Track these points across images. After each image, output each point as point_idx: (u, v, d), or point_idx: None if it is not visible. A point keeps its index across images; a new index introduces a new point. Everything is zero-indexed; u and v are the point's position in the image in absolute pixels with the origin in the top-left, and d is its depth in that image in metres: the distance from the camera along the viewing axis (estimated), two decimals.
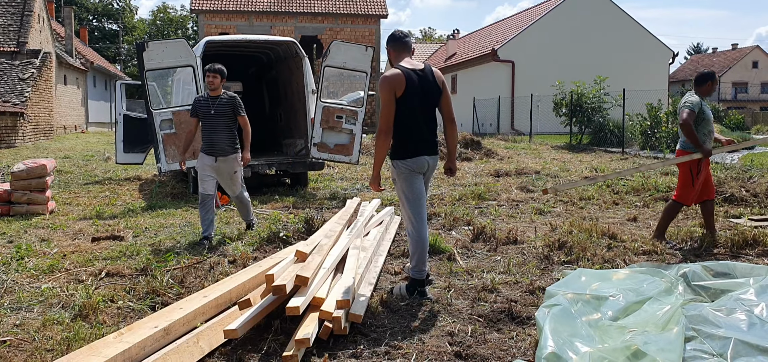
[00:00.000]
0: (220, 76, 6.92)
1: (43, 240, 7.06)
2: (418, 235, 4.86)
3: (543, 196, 9.93)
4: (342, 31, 37.27)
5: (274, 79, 13.79)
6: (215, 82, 6.87)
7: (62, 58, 32.27)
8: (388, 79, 4.74)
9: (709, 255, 6.12)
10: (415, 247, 4.87)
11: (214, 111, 6.89)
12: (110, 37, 70.11)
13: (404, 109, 4.77)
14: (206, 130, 7.00)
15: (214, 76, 6.88)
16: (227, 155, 6.99)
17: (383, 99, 4.75)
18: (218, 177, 7.06)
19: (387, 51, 5.05)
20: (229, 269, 5.69)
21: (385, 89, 4.74)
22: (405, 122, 4.80)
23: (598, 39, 32.31)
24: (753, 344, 3.34)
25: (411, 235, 4.92)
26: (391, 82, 4.74)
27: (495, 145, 20.31)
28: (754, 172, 11.93)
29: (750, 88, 67.21)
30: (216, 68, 6.91)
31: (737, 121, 29.55)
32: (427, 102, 4.92)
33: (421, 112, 4.88)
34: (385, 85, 4.74)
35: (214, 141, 6.94)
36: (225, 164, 7.00)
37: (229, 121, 6.98)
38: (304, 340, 3.71)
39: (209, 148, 6.97)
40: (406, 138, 4.84)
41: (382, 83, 4.76)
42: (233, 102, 6.98)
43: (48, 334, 4.10)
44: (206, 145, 6.99)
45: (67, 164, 15.56)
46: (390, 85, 4.73)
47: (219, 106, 6.92)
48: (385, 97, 4.74)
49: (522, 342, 3.99)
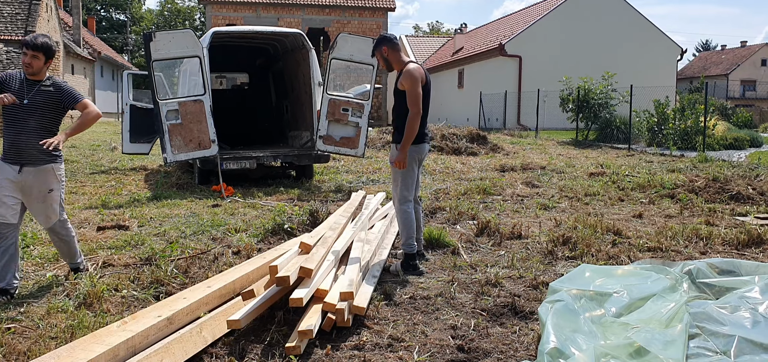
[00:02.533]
0: (43, 55, 4.80)
1: None
2: (408, 214, 5.42)
3: (548, 191, 9.91)
4: (349, 23, 37.27)
5: (280, 71, 13.80)
6: (33, 65, 4.77)
7: (70, 47, 32.35)
8: (418, 70, 5.32)
9: (715, 253, 6.10)
10: (404, 225, 5.41)
11: (28, 100, 4.77)
12: (118, 27, 70.27)
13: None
14: (9, 126, 4.78)
15: (32, 55, 4.76)
16: (39, 164, 4.80)
17: (415, 88, 5.24)
18: (23, 196, 4.83)
19: (383, 53, 5.46)
20: (233, 260, 5.71)
21: (417, 79, 5.26)
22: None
23: (606, 34, 32.16)
24: (757, 342, 3.33)
25: (401, 213, 5.45)
26: (421, 73, 5.32)
27: (501, 140, 20.28)
28: (761, 170, 11.89)
29: (758, 85, 66.81)
30: (35, 43, 4.78)
31: (745, 119, 29.39)
32: (429, 96, 5.44)
33: (425, 105, 5.38)
34: (417, 75, 5.27)
35: (21, 143, 4.75)
36: (35, 178, 4.81)
37: (49, 118, 4.87)
38: (307, 331, 3.72)
39: (12, 152, 4.78)
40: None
41: (414, 74, 5.26)
42: (61, 95, 4.89)
43: (52, 322, 4.12)
44: (7, 147, 4.79)
45: (74, 153, 15.61)
46: (421, 76, 5.29)
47: (37, 94, 4.80)
48: (417, 87, 5.24)
49: (525, 337, 3.98)
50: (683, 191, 9.55)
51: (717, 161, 14.32)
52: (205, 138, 9.84)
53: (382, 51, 5.44)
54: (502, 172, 12.68)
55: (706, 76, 56.65)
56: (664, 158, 16.00)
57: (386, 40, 5.45)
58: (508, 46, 32.03)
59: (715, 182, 9.89)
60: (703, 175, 10.82)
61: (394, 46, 5.43)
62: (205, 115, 9.81)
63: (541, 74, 30.20)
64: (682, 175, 11.65)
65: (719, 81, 64.40)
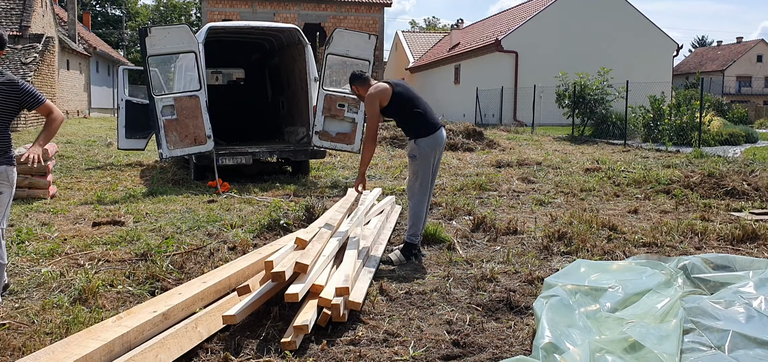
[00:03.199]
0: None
1: (44, 224, 7.08)
2: (421, 208, 5.64)
3: (544, 187, 9.93)
4: (345, 18, 37.21)
5: (276, 67, 13.77)
6: None
7: (65, 42, 32.24)
8: (375, 89, 5.61)
9: (710, 248, 6.12)
10: (415, 218, 5.61)
11: None
12: (113, 22, 70.07)
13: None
14: None
15: None
16: None
17: (372, 108, 5.57)
18: None
19: (354, 91, 5.96)
20: (229, 255, 5.70)
21: (373, 99, 5.57)
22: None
23: (602, 30, 32.18)
24: (751, 337, 3.34)
25: (414, 207, 5.64)
26: (377, 90, 5.59)
27: (497, 136, 20.29)
28: (756, 166, 11.92)
29: (754, 81, 66.97)
30: None
31: (741, 115, 29.46)
32: (410, 98, 5.74)
33: (414, 104, 5.70)
34: (374, 94, 5.58)
35: None
36: None
37: (2, 115, 4.35)
38: (303, 327, 3.72)
39: None
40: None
41: (370, 95, 5.59)
42: (20, 93, 4.37)
43: (47, 318, 4.12)
44: None
45: (69, 149, 15.57)
46: (377, 92, 5.58)
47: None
48: (373, 106, 5.56)
49: (520, 332, 3.99)
50: (679, 187, 9.57)
51: (712, 157, 14.35)
52: (201, 133, 9.83)
53: (353, 88, 5.92)
54: (498, 168, 12.69)
55: (702, 71, 56.88)
56: (659, 154, 16.03)
57: (354, 77, 5.86)
58: (504, 42, 32.03)
59: (710, 178, 9.91)
60: (699, 171, 10.84)
61: (361, 81, 5.81)
62: (200, 110, 9.80)
63: (538, 70, 30.21)
64: (677, 170, 11.68)
65: (715, 77, 64.51)
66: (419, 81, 43.74)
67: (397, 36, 50.71)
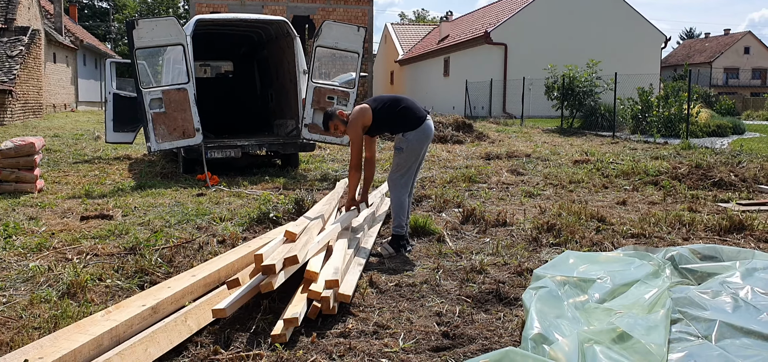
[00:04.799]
0: None
1: (32, 218, 7.03)
2: (403, 200, 5.68)
3: (533, 179, 9.96)
4: (334, 11, 37.07)
5: (265, 59, 13.72)
6: None
7: (51, 35, 31.95)
8: (354, 113, 5.66)
9: (697, 239, 6.16)
10: (399, 210, 5.64)
11: None
12: (100, 14, 69.48)
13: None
14: None
15: None
16: None
17: (355, 131, 5.61)
18: None
19: (334, 128, 5.82)
20: (219, 249, 5.69)
21: (355, 123, 5.61)
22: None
23: (591, 22, 32.26)
24: (737, 326, 3.37)
25: (396, 199, 5.66)
26: (356, 114, 5.64)
27: (486, 128, 20.33)
28: (743, 157, 12.02)
29: (741, 73, 67.43)
30: None
31: (728, 107, 29.68)
32: (393, 102, 5.75)
33: (399, 102, 5.71)
34: (355, 118, 5.62)
35: None
36: None
37: None
38: (293, 320, 3.72)
39: None
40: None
41: (351, 119, 5.65)
42: None
43: (35, 312, 4.09)
44: None
45: (57, 143, 15.47)
46: (357, 116, 5.62)
47: None
48: (356, 129, 5.60)
49: (509, 323, 4.01)
50: (667, 178, 9.63)
51: (700, 148, 14.45)
52: (190, 126, 9.79)
53: (330, 127, 5.83)
54: (487, 160, 12.72)
55: (690, 63, 56.99)
56: (648, 145, 16.12)
57: (328, 116, 5.82)
58: (493, 34, 32.05)
59: (698, 169, 9.98)
60: (687, 162, 10.91)
61: (334, 117, 5.78)
62: (189, 103, 9.75)
63: (527, 62, 30.28)
64: (665, 162, 11.75)
65: (703, 69, 64.91)
66: (409, 73, 43.71)
67: (387, 28, 50.65)
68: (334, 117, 5.79)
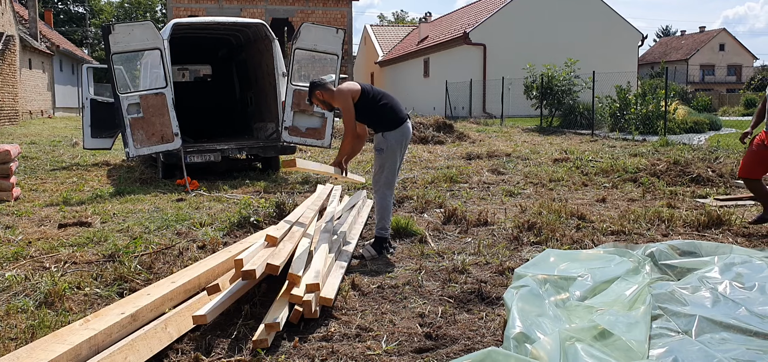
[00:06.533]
0: None
1: (8, 227, 6.92)
2: (387, 201, 5.65)
3: (514, 178, 10.00)
4: (313, 13, 37.02)
5: (243, 62, 13.65)
6: None
7: (26, 41, 31.53)
8: (346, 85, 5.63)
9: (676, 235, 6.22)
10: (383, 211, 5.63)
11: None
12: (76, 20, 68.72)
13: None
14: None
15: None
16: None
17: (346, 103, 5.52)
18: None
19: (319, 97, 5.68)
20: (199, 254, 5.64)
21: (346, 94, 5.55)
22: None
23: (568, 22, 32.49)
24: (717, 320, 3.41)
25: (380, 200, 5.64)
26: (349, 86, 5.61)
27: (467, 129, 20.39)
28: (720, 153, 12.17)
29: (717, 70, 68.29)
30: None
31: (704, 103, 30.01)
32: (379, 97, 5.73)
33: (381, 100, 5.67)
34: (345, 90, 5.57)
35: None
36: None
37: None
38: (274, 324, 3.69)
39: None
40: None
41: (342, 91, 5.56)
42: None
43: (12, 323, 4.02)
44: None
45: (33, 150, 15.26)
46: (349, 89, 5.58)
47: None
48: (347, 101, 5.53)
49: (491, 323, 4.01)
50: (645, 175, 9.71)
51: (678, 145, 14.60)
52: (168, 131, 9.70)
53: (316, 96, 5.68)
54: (468, 160, 12.75)
55: (667, 61, 57.80)
56: (626, 143, 16.26)
57: (316, 85, 5.67)
58: (472, 35, 32.16)
59: (676, 165, 10.08)
60: (665, 159, 11.02)
61: (324, 88, 5.65)
62: (167, 108, 9.67)
63: (506, 62, 30.42)
64: (644, 159, 11.86)
65: (679, 66, 65.68)
66: (389, 75, 43.72)
67: (366, 30, 50.61)
68: (319, 86, 5.65)
